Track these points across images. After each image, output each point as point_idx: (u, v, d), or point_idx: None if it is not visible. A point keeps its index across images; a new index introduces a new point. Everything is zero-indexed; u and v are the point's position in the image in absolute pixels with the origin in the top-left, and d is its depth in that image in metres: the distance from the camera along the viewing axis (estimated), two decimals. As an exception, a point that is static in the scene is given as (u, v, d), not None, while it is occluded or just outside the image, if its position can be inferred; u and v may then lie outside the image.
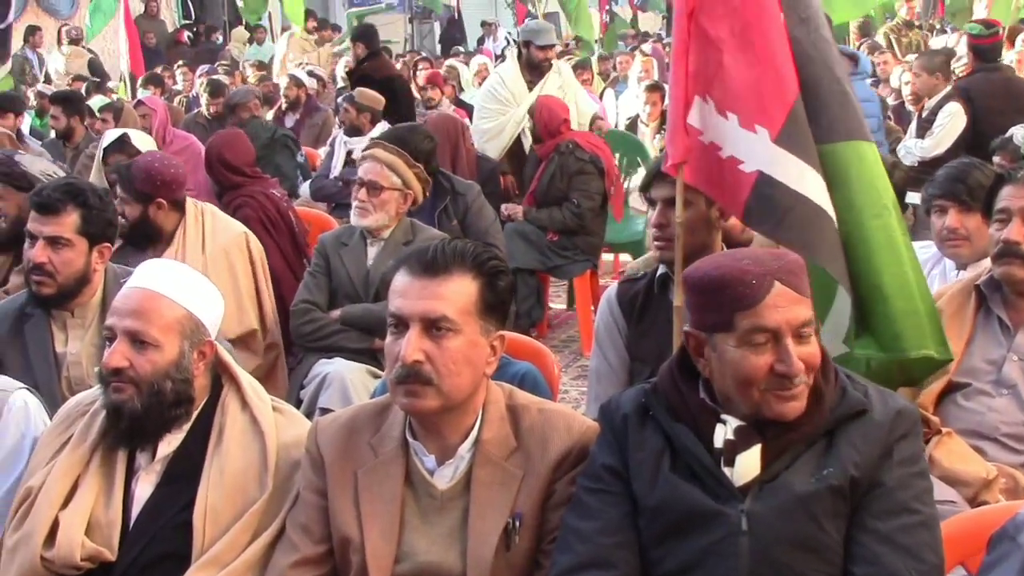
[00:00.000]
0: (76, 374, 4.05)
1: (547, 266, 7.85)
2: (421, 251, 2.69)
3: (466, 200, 6.67)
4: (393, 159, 5.32)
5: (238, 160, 6.56)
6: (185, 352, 2.95)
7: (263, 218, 6.33)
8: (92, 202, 4.07)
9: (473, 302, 2.64)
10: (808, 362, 2.51)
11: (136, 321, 2.91)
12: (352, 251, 5.36)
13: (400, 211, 5.33)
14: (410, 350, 2.60)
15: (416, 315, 2.62)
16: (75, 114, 9.36)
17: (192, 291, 3.00)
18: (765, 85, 3.53)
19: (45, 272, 4.00)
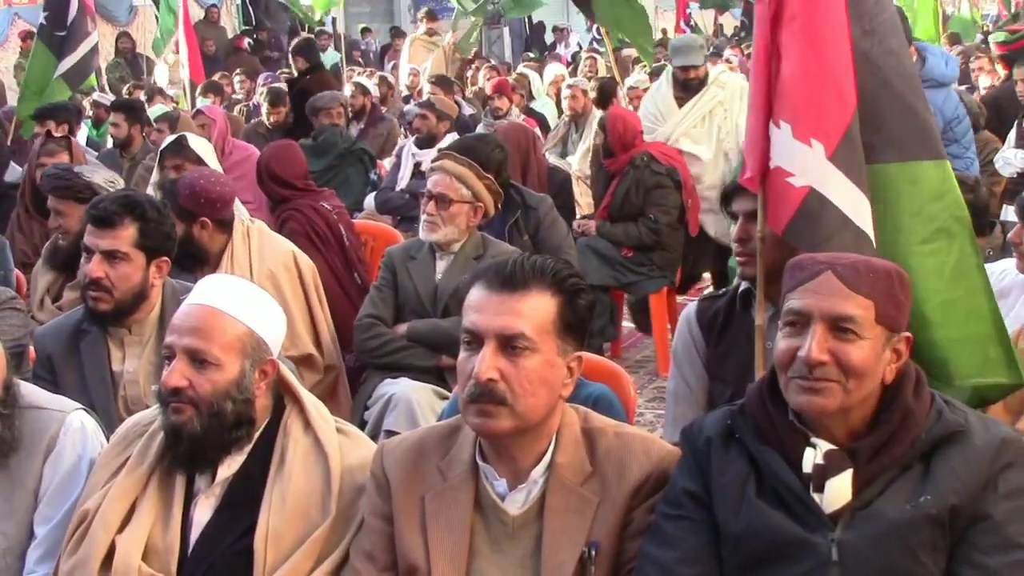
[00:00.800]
0: (133, 393, 4.09)
1: (621, 283, 7.83)
2: (499, 265, 2.70)
3: (538, 214, 6.67)
4: (463, 170, 5.33)
5: (287, 172, 6.62)
6: (246, 371, 2.97)
7: (310, 232, 6.38)
8: (150, 215, 4.12)
9: (551, 320, 2.65)
10: (841, 359, 2.52)
11: (196, 339, 2.94)
12: (420, 265, 5.38)
13: (471, 224, 5.34)
14: (484, 367, 2.60)
15: (492, 331, 2.62)
16: (136, 123, 9.49)
17: (253, 308, 3.03)
18: (825, 97, 3.51)
19: (102, 287, 4.05)
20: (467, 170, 5.33)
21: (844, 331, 2.54)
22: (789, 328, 2.59)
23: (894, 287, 2.58)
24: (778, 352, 2.59)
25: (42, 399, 3.28)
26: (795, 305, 2.58)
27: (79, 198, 5.48)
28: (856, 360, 2.53)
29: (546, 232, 6.67)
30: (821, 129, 3.48)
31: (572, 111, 10.69)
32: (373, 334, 5.36)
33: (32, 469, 3.18)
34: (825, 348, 2.53)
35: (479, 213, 5.37)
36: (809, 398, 2.54)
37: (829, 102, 3.50)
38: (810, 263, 2.61)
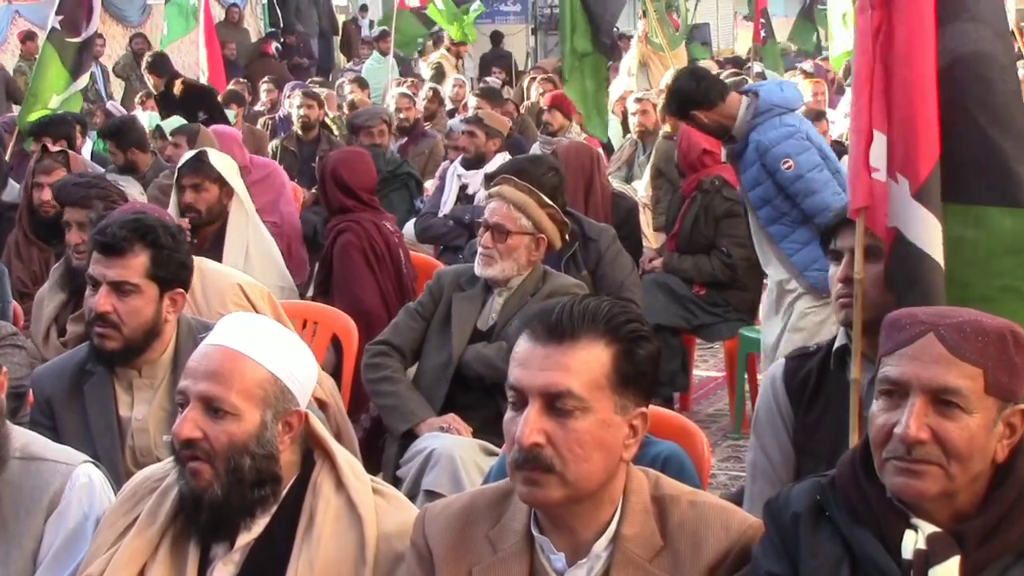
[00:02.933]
0: (142, 443, 4.10)
1: (692, 325, 7.80)
2: (545, 312, 2.66)
3: (599, 246, 6.66)
4: (523, 198, 5.33)
5: (355, 182, 6.72)
6: (267, 423, 2.96)
7: (367, 249, 6.43)
8: (163, 241, 4.10)
9: (605, 374, 2.61)
10: (943, 439, 2.47)
11: (212, 385, 2.93)
12: (466, 301, 5.39)
13: (532, 259, 5.34)
14: (528, 431, 2.58)
15: (536, 389, 2.60)
16: (131, 145, 9.48)
17: (278, 351, 3.02)
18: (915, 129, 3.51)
19: (109, 323, 4.03)
20: (528, 197, 5.34)
21: (948, 405, 2.48)
22: (885, 399, 2.54)
23: (1008, 351, 2.51)
24: (873, 427, 2.54)
25: (44, 449, 3.30)
26: (892, 373, 2.53)
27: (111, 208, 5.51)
28: (960, 440, 2.48)
29: (608, 267, 6.66)
30: (909, 164, 3.50)
31: (642, 128, 10.70)
32: (375, 363, 5.40)
33: (32, 528, 3.19)
34: (925, 425, 2.47)
35: (541, 246, 5.37)
36: (906, 481, 2.50)
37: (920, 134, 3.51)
38: (909, 322, 2.55)
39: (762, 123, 6.46)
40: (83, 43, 10.54)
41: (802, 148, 6.42)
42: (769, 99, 6.46)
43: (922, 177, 3.48)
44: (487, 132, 8.97)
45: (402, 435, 5.25)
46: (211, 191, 6.48)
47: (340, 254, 6.64)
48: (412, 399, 5.32)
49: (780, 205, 6.48)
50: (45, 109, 10.22)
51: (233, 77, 16.25)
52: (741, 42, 27.62)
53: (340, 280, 6.62)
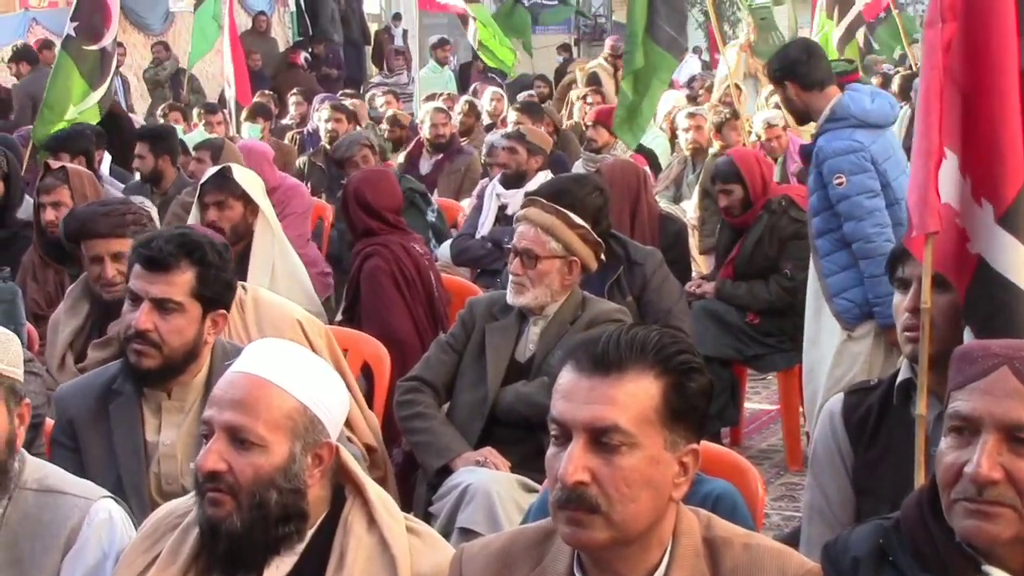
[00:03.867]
0: (168, 470, 4.11)
1: (745, 355, 7.78)
2: (590, 341, 2.66)
3: (644, 271, 6.64)
4: (550, 220, 5.33)
5: (380, 203, 6.74)
6: (296, 455, 2.96)
7: (396, 272, 6.44)
8: (211, 259, 4.12)
9: (654, 407, 2.60)
10: (1017, 479, 2.46)
11: (238, 414, 2.94)
12: (502, 331, 5.40)
13: (566, 283, 5.34)
14: (572, 468, 2.57)
15: (580, 424, 2.59)
16: (164, 153, 9.55)
17: (308, 379, 3.02)
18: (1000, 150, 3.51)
19: (149, 341, 4.04)
20: (555, 219, 5.34)
21: (1022, 443, 2.48)
22: (954, 436, 2.53)
23: None
24: (941, 466, 2.53)
25: (63, 483, 3.32)
26: (962, 408, 2.52)
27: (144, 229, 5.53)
28: None
29: (654, 293, 6.65)
30: (993, 187, 3.49)
31: (694, 146, 10.69)
32: (407, 399, 5.43)
33: (48, 566, 3.21)
34: (998, 464, 2.46)
35: (575, 269, 5.37)
36: (977, 524, 2.48)
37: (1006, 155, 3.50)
38: (981, 354, 2.54)
39: (832, 129, 6.46)
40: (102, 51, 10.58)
41: (859, 168, 6.38)
42: (848, 107, 6.44)
43: (1008, 200, 3.47)
44: (529, 149, 8.98)
45: (436, 472, 5.25)
46: (235, 209, 6.48)
47: (368, 280, 6.65)
48: (446, 434, 5.33)
49: (829, 219, 6.49)
50: (61, 121, 10.27)
51: (259, 88, 16.31)
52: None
53: (369, 307, 6.62)
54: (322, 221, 10.10)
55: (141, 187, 9.85)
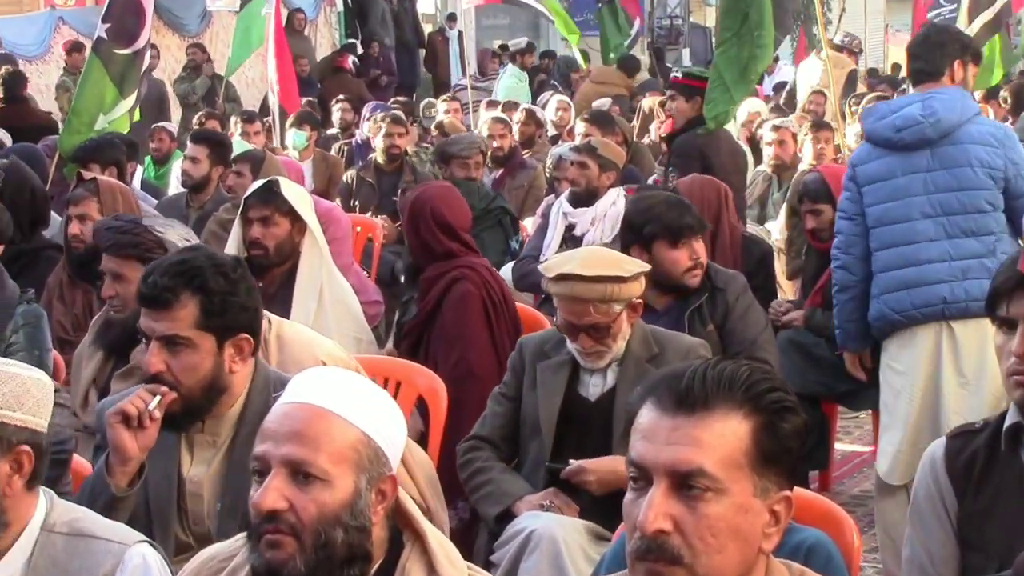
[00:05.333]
0: (194, 508, 4.14)
1: (835, 392, 7.74)
2: (673, 377, 2.63)
3: (727, 297, 6.61)
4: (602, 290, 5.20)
5: (458, 222, 6.73)
6: (361, 490, 2.95)
7: (487, 299, 6.45)
8: (213, 284, 4.10)
9: (744, 450, 2.58)
10: None
11: (298, 447, 2.92)
12: (555, 368, 5.40)
13: (632, 321, 5.36)
14: (652, 515, 2.55)
15: (662, 466, 2.57)
16: (220, 163, 9.66)
17: (368, 407, 3.02)
18: None
19: (164, 383, 4.07)
20: (608, 287, 5.24)
21: None
22: None
23: None
24: None
25: (94, 526, 3.33)
26: None
27: (148, 258, 5.55)
28: None
29: (738, 322, 6.61)
30: None
31: (778, 161, 10.65)
32: (465, 460, 5.46)
33: None
34: None
35: (639, 309, 5.39)
36: None
37: None
38: None
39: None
40: (134, 55, 10.64)
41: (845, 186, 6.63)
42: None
43: None
44: (601, 164, 8.94)
45: (497, 519, 5.26)
46: (282, 226, 6.49)
47: (457, 306, 6.58)
48: (506, 480, 5.35)
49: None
50: (89, 131, 10.34)
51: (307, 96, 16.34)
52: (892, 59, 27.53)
53: (452, 336, 6.56)
54: (371, 242, 10.13)
55: (176, 200, 9.94)
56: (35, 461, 3.27)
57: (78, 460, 4.79)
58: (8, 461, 3.24)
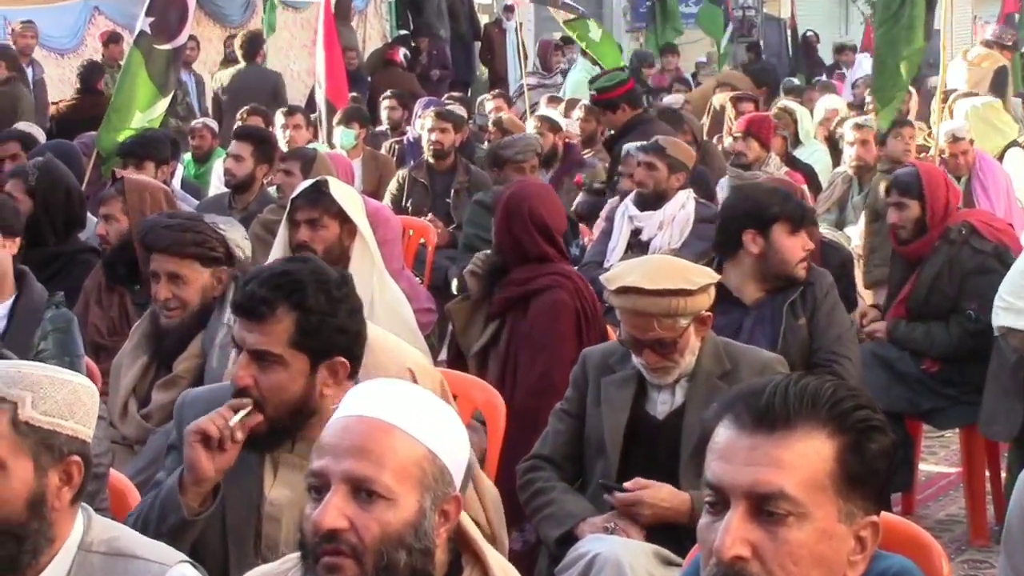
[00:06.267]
0: (271, 532, 4.11)
1: (920, 409, 7.71)
2: (752, 393, 2.63)
3: (814, 292, 6.62)
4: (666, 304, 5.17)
5: (556, 224, 6.74)
6: (426, 510, 2.96)
7: (580, 311, 6.45)
8: (312, 303, 4.05)
9: (828, 472, 2.58)
10: None
11: (361, 463, 2.92)
12: (620, 383, 5.38)
13: (702, 333, 5.34)
14: (729, 541, 2.55)
15: (740, 489, 2.57)
16: (265, 161, 9.71)
17: (432, 421, 3.03)
18: None
19: (251, 398, 4.04)
20: (672, 300, 5.20)
21: None
22: None
23: None
24: None
25: (134, 545, 3.34)
26: None
27: (209, 258, 5.62)
28: None
29: (824, 317, 6.61)
30: None
31: (860, 163, 10.60)
32: (525, 480, 5.45)
33: None
34: None
35: (709, 322, 5.37)
36: None
37: None
38: None
39: None
40: (174, 52, 10.69)
41: None
42: None
43: None
44: (670, 164, 8.92)
45: (559, 542, 5.24)
46: (331, 228, 6.52)
47: (548, 315, 6.58)
48: (568, 500, 5.33)
49: None
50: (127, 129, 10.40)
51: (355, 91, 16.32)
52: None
53: (539, 345, 6.55)
54: (424, 246, 10.14)
55: (218, 200, 9.96)
56: (83, 473, 3.29)
57: (115, 475, 4.80)
58: (58, 472, 3.26)
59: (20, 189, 7.60)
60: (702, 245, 8.21)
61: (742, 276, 6.54)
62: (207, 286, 5.62)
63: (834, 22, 28.77)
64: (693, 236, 8.69)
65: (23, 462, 3.22)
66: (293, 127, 12.67)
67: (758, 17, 27.36)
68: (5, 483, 3.21)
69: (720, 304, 5.64)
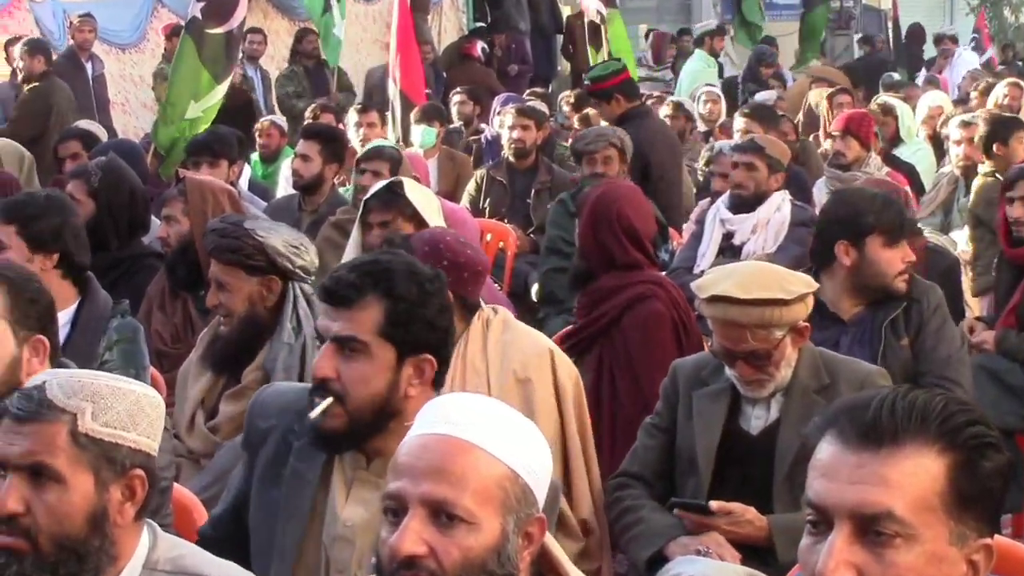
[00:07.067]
0: (340, 556, 4.04)
1: (1034, 427, 7.66)
2: (857, 407, 2.62)
3: (920, 309, 6.55)
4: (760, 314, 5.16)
5: (646, 230, 6.72)
6: (509, 534, 2.96)
7: (676, 322, 6.44)
8: (403, 290, 4.00)
9: (938, 491, 2.56)
10: None
11: (440, 485, 2.92)
12: (713, 397, 5.37)
13: (799, 344, 5.32)
14: (833, 564, 2.54)
15: (845, 509, 2.56)
16: (334, 161, 9.74)
17: (516, 440, 3.03)
18: None
19: (331, 391, 3.97)
20: (766, 310, 5.19)
21: None
22: None
23: None
24: None
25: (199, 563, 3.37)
26: None
27: (250, 266, 5.63)
28: None
29: (931, 337, 6.51)
30: None
31: (967, 162, 10.51)
32: (612, 499, 5.44)
33: None
34: None
35: (806, 333, 5.33)
36: None
37: None
38: None
39: None
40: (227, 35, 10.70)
41: None
42: None
43: None
44: (770, 165, 8.87)
45: (648, 563, 5.23)
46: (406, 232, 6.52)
47: (645, 329, 6.59)
48: (657, 519, 5.32)
49: None
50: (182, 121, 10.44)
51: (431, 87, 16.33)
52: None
53: (637, 362, 6.55)
54: (503, 251, 10.13)
55: (288, 202, 9.99)
56: (147, 488, 3.31)
57: (180, 490, 4.83)
58: (120, 487, 3.29)
59: (82, 191, 7.62)
60: (798, 250, 8.17)
61: (837, 289, 6.45)
62: (254, 295, 5.66)
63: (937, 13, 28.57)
64: (788, 240, 8.65)
65: (83, 476, 3.25)
66: (367, 125, 12.60)
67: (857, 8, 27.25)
68: (65, 498, 3.24)
69: (816, 318, 5.59)
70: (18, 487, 3.22)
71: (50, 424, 3.24)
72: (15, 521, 3.22)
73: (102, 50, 18.03)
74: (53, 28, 18.14)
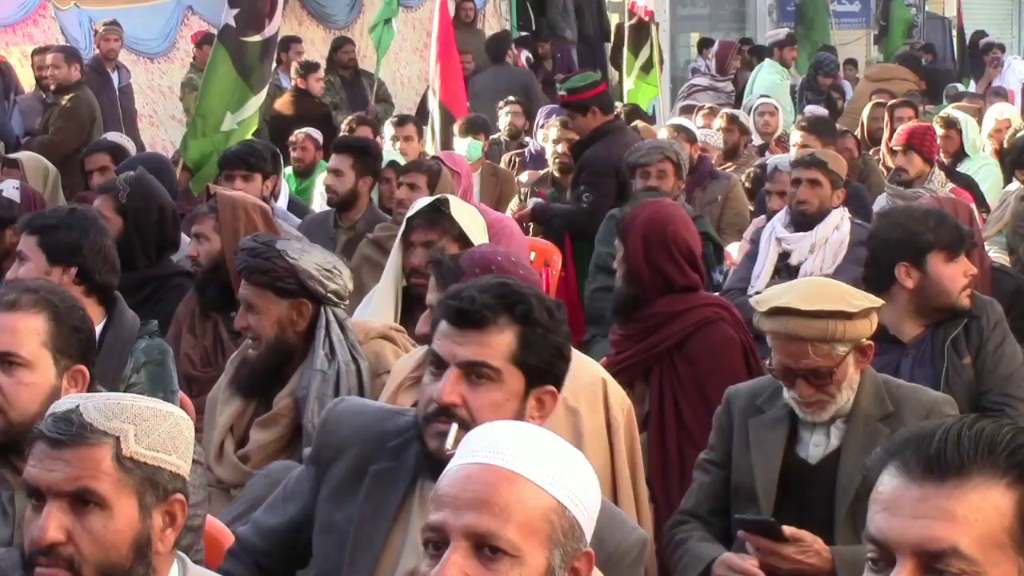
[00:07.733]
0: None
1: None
2: (921, 438, 2.60)
3: (980, 325, 6.53)
4: (822, 327, 5.12)
5: (697, 248, 6.68)
6: (555, 569, 2.95)
7: (745, 344, 6.42)
8: (538, 316, 3.97)
9: (1006, 527, 2.54)
10: None
11: (483, 516, 2.92)
12: (771, 425, 5.35)
13: (862, 365, 5.29)
14: None
15: (908, 544, 2.54)
16: (367, 174, 9.73)
17: (563, 470, 3.02)
18: None
19: (455, 418, 3.90)
20: (830, 323, 5.15)
21: None
22: None
23: None
24: None
25: None
26: None
27: (280, 289, 5.64)
28: None
29: (992, 354, 6.51)
30: None
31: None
32: (668, 539, 5.43)
33: None
34: None
35: (870, 353, 5.30)
36: None
37: None
38: None
39: None
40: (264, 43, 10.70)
41: None
42: None
43: None
44: (832, 181, 8.86)
45: None
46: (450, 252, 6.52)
47: (716, 355, 6.57)
48: (702, 546, 5.30)
49: None
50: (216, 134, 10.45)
51: (472, 96, 16.31)
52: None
53: (711, 386, 6.43)
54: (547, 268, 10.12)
55: (323, 219, 9.98)
56: (186, 513, 3.32)
57: (210, 520, 4.82)
58: (162, 512, 3.31)
59: (110, 207, 7.63)
60: (858, 270, 8.13)
61: (899, 313, 6.42)
62: (284, 318, 5.67)
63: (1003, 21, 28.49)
64: (848, 261, 8.61)
65: (127, 501, 3.27)
66: (404, 138, 12.64)
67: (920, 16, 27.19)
68: (110, 525, 3.26)
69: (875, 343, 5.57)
70: (58, 515, 3.23)
71: (94, 448, 3.25)
72: (56, 551, 3.23)
73: (129, 59, 18.00)
74: (79, 36, 18.06)
